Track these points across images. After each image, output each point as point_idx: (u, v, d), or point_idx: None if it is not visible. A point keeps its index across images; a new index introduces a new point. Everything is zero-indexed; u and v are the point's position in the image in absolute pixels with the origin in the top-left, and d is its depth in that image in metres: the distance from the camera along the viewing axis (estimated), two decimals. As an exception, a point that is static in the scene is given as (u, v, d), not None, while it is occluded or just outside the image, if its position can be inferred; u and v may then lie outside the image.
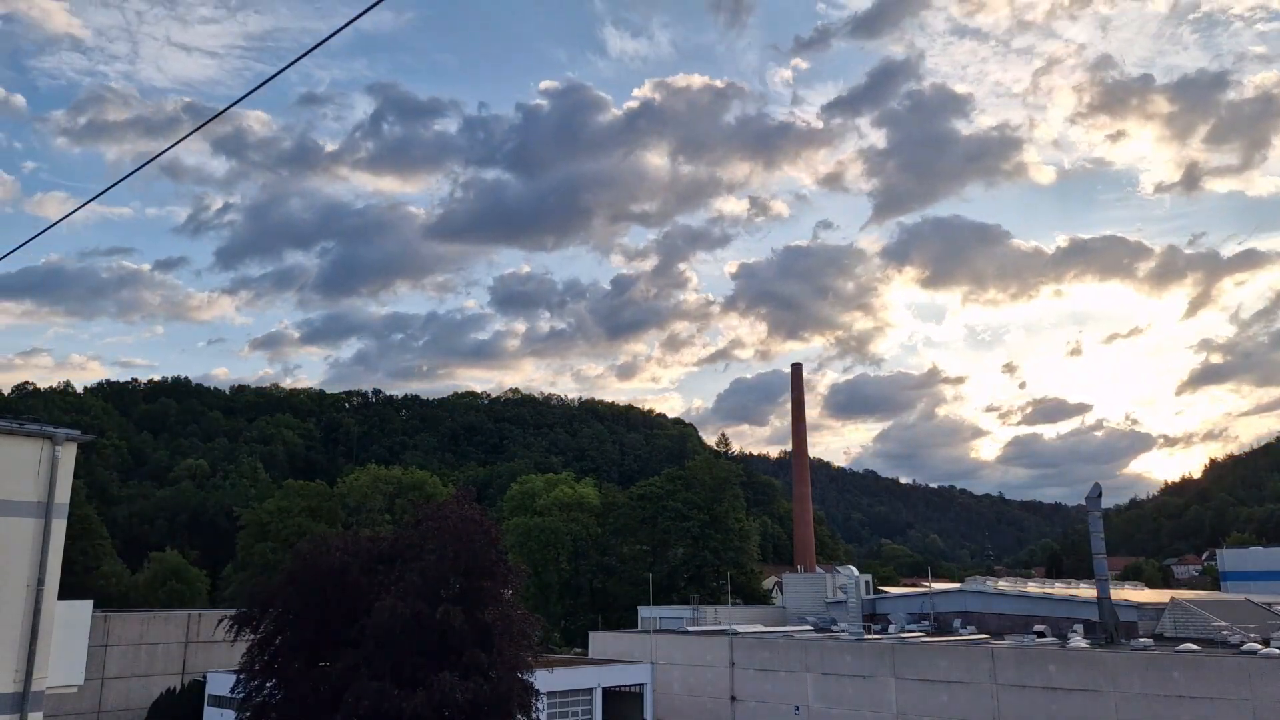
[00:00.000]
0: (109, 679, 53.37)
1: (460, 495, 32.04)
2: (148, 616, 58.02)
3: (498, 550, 30.73)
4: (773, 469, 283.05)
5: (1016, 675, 43.88)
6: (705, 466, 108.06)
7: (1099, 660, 42.24)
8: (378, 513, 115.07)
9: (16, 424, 20.32)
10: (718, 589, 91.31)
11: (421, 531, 30.41)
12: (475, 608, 28.55)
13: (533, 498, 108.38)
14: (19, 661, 19.43)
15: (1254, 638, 46.94)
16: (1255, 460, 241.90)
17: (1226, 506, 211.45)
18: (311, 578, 29.24)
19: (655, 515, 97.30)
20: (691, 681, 55.61)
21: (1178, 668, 39.76)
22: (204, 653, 57.00)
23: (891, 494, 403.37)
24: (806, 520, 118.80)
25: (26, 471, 20.02)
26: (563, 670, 48.20)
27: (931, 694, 46.14)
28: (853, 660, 49.61)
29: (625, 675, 52.68)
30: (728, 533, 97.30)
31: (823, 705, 49.89)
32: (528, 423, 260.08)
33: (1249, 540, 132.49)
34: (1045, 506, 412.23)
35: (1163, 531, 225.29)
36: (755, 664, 53.39)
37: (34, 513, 20.03)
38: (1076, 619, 57.04)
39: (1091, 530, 54.56)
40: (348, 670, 27.47)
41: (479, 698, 27.13)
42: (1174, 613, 54.79)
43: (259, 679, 29.19)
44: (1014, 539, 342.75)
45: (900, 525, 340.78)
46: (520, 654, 29.47)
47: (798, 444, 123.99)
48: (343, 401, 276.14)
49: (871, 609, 72.30)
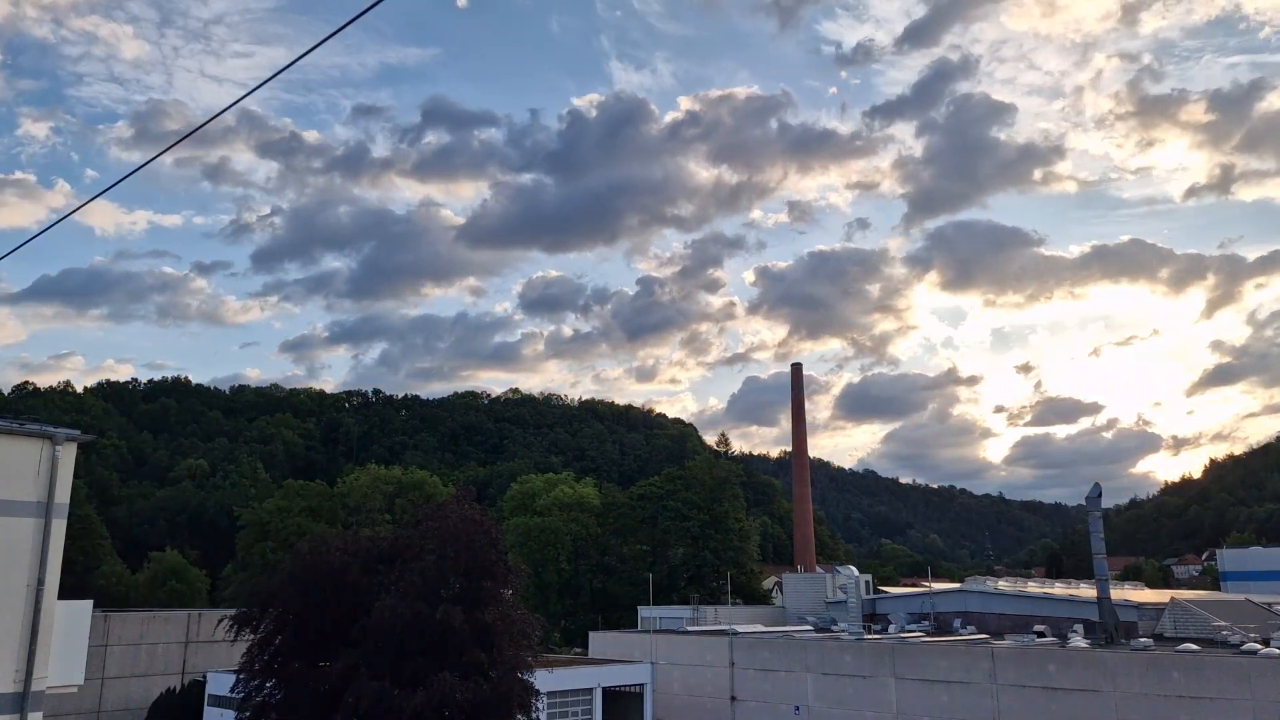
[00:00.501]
0: (109, 679, 53.34)
1: (460, 495, 32.05)
2: (148, 616, 57.97)
3: (498, 550, 30.73)
4: (773, 469, 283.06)
5: (1016, 675, 43.88)
6: (705, 466, 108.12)
7: (1099, 660, 42.24)
8: (378, 513, 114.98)
9: (16, 424, 20.33)
10: (718, 589, 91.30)
11: (421, 531, 30.42)
12: (475, 608, 28.55)
13: (533, 498, 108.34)
14: (19, 661, 19.44)
15: (1254, 638, 46.94)
16: (1255, 460, 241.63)
17: (1226, 506, 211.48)
18: (311, 577, 29.23)
19: (655, 515, 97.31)
20: (691, 681, 55.60)
21: (1178, 668, 39.76)
22: (204, 653, 56.96)
23: (891, 494, 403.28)
24: (806, 520, 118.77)
25: (26, 471, 20.03)
26: (563, 670, 48.21)
27: (931, 694, 46.14)
28: (853, 660, 49.62)
29: (625, 675, 52.69)
30: (728, 533, 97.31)
31: (823, 705, 49.89)
32: (528, 423, 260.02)
33: (1249, 540, 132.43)
34: (1045, 506, 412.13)
35: (1163, 531, 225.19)
36: (755, 664, 53.38)
37: (34, 513, 20.04)
38: (1076, 619, 57.03)
39: (1091, 530, 54.57)
40: (348, 670, 27.46)
41: (479, 698, 27.13)
42: (1174, 613, 54.79)
43: (259, 679, 29.19)
44: (1014, 539, 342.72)
45: (900, 525, 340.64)
46: (520, 654, 29.47)
47: (798, 444, 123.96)
48: (343, 401, 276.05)
49: (871, 609, 72.29)
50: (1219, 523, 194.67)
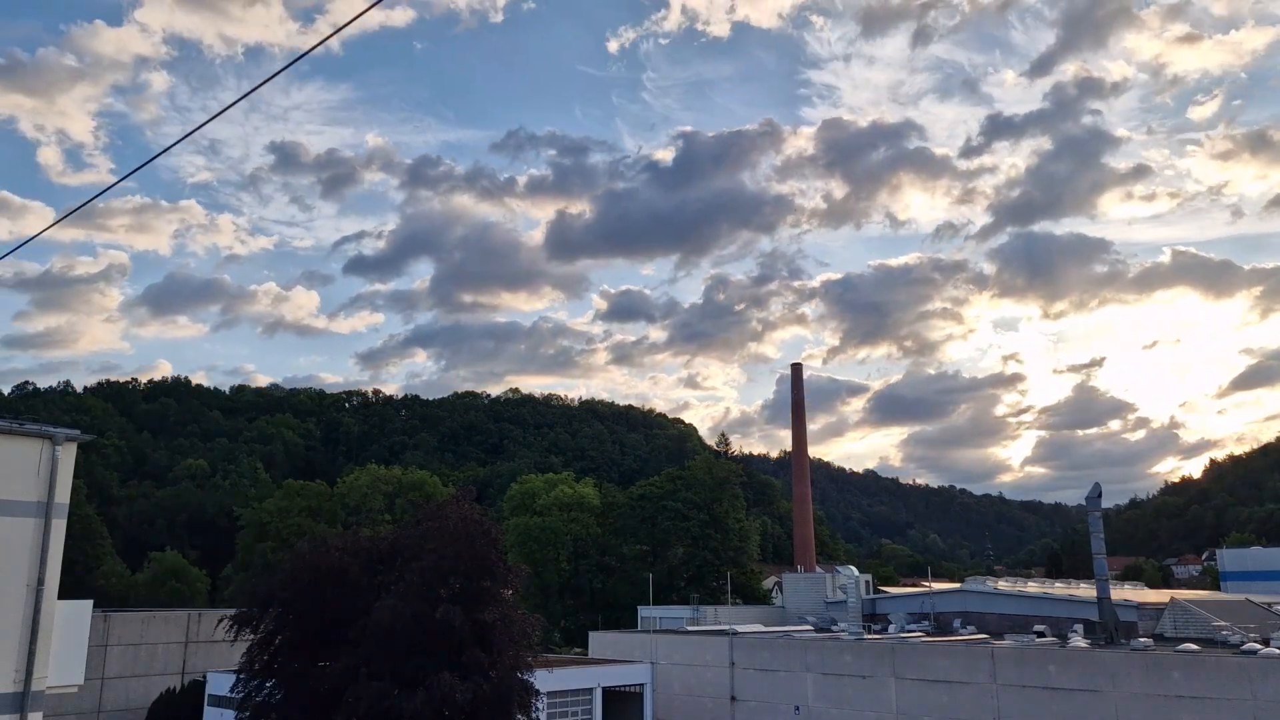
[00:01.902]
0: (109, 679, 53.33)
1: (460, 495, 32.04)
2: (148, 616, 57.92)
3: (498, 550, 30.73)
4: (773, 469, 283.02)
5: (1016, 675, 43.86)
6: (705, 466, 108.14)
7: (1099, 660, 42.24)
8: (378, 513, 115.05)
9: (16, 424, 20.34)
10: (718, 589, 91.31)
11: (421, 531, 30.42)
12: (475, 608, 28.54)
13: (533, 498, 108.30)
14: (19, 661, 19.44)
15: (1254, 638, 46.94)
16: (1255, 460, 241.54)
17: (1226, 506, 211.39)
18: (311, 577, 29.23)
19: (655, 515, 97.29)
20: (691, 681, 55.58)
21: (1177, 668, 39.74)
22: (204, 653, 56.94)
23: (891, 494, 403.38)
24: (806, 520, 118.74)
25: (26, 471, 20.03)
26: (563, 670, 48.20)
27: (931, 694, 46.13)
28: (853, 660, 49.60)
29: (625, 675, 52.72)
30: (728, 533, 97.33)
31: (823, 705, 49.88)
32: (528, 423, 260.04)
33: (1249, 540, 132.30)
34: (1045, 506, 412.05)
35: (1163, 531, 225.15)
36: (755, 664, 53.35)
37: (34, 513, 20.04)
38: (1076, 619, 57.04)
39: (1091, 530, 54.54)
40: (348, 670, 27.45)
41: (479, 698, 27.12)
42: (1174, 613, 54.78)
43: (259, 679, 29.19)
44: (1014, 539, 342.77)
45: (900, 525, 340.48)
46: (520, 654, 29.47)
47: (798, 444, 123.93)
48: (343, 401, 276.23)
49: (871, 609, 72.29)
50: (1219, 523, 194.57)
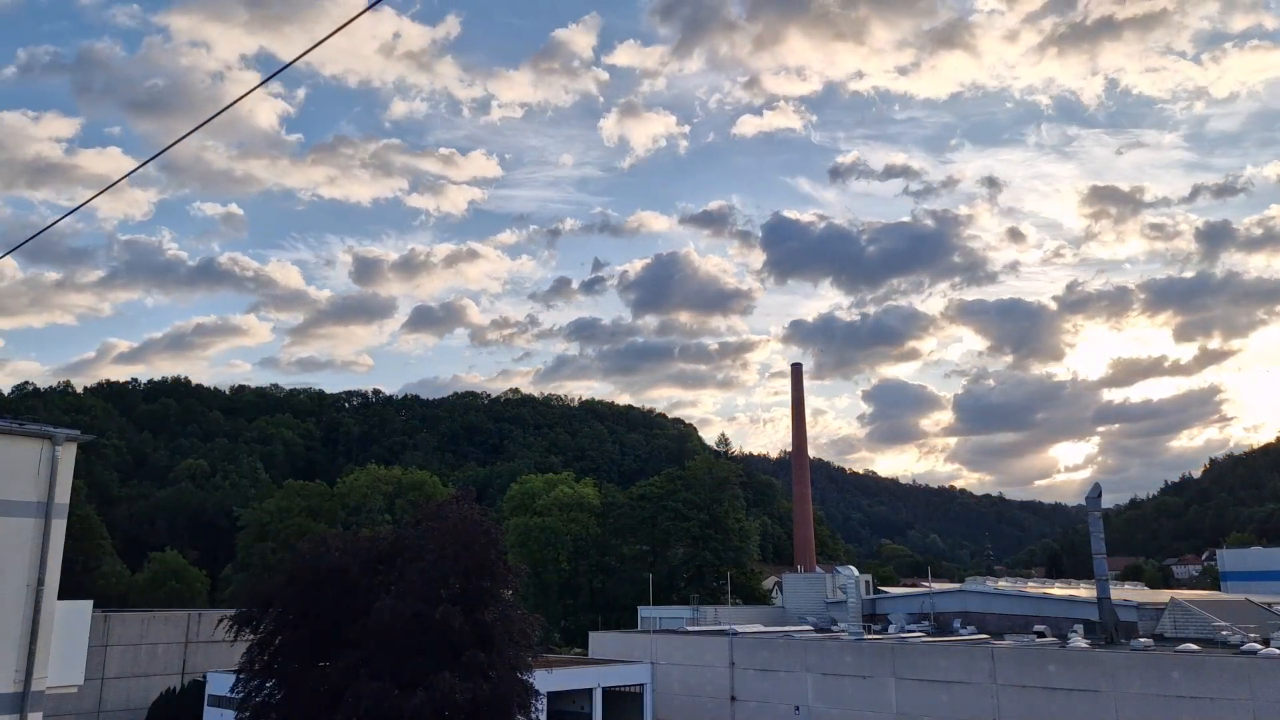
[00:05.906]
0: (109, 679, 53.33)
1: (460, 495, 32.03)
2: (148, 616, 57.93)
3: (497, 550, 30.71)
4: (773, 469, 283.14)
5: (1016, 675, 43.86)
6: (705, 466, 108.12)
7: (1099, 660, 42.23)
8: (378, 513, 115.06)
9: (16, 424, 20.34)
10: (718, 589, 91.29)
11: (421, 531, 30.40)
12: (475, 608, 28.53)
13: (533, 498, 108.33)
14: (19, 661, 19.45)
15: (1254, 638, 46.91)
16: (1255, 460, 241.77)
17: (1226, 506, 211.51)
18: (311, 577, 29.22)
19: (655, 515, 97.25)
20: (691, 681, 55.56)
21: (1177, 668, 39.73)
22: (204, 653, 56.95)
23: (891, 494, 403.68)
24: (806, 520, 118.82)
25: (26, 471, 20.04)
26: (562, 670, 48.23)
27: (931, 694, 46.13)
28: (853, 660, 49.60)
29: (625, 675, 52.74)
30: (728, 533, 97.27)
31: (823, 705, 49.87)
32: (528, 423, 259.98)
33: (1249, 540, 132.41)
34: (1045, 507, 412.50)
35: (1163, 531, 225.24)
36: (755, 664, 53.34)
37: (34, 513, 20.05)
38: (1076, 619, 57.02)
39: (1091, 530, 54.52)
40: (348, 670, 27.44)
41: (479, 698, 27.11)
42: (1174, 613, 54.75)
43: (259, 679, 29.17)
44: (1014, 539, 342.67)
45: (900, 525, 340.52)
46: (520, 654, 29.45)
47: (798, 444, 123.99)
48: (342, 402, 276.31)
49: (871, 609, 72.27)
50: (1219, 523, 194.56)
